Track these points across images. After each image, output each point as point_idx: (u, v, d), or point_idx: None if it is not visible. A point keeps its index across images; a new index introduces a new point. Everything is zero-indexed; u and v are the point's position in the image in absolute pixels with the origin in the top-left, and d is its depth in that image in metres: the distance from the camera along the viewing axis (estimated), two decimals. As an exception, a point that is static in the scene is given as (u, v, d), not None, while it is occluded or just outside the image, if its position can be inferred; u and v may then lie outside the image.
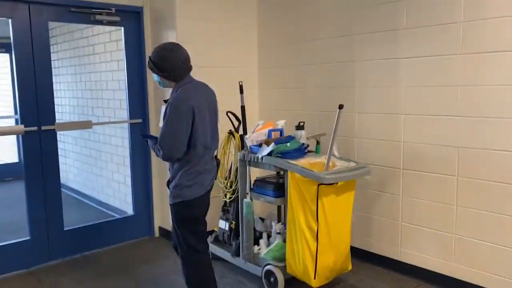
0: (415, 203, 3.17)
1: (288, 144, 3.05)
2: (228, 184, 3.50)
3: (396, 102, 3.20)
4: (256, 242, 3.33)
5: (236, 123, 3.56)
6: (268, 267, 3.08)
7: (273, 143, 3.04)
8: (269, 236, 3.37)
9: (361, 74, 3.39)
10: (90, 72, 5.05)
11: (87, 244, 3.82)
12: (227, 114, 3.53)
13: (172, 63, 2.47)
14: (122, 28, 3.89)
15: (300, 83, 3.86)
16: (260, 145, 3.15)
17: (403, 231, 3.26)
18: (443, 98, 2.95)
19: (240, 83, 3.34)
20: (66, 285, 3.24)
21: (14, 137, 6.49)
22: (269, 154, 3.04)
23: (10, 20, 3.32)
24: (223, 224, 3.57)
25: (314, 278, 2.85)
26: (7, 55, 6.76)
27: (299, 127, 3.24)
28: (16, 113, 6.74)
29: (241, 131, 3.49)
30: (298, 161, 2.94)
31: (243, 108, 3.36)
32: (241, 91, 3.33)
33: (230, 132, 3.53)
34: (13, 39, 3.35)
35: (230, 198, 3.50)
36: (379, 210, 3.39)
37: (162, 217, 4.18)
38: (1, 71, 6.91)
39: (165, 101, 2.54)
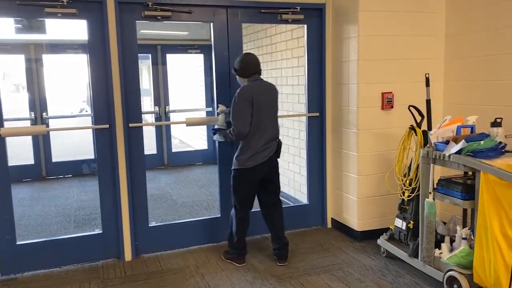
0: None
1: (481, 142, 2.78)
2: (407, 181, 3.37)
3: None
4: (437, 245, 3.14)
5: (418, 117, 3.39)
6: (451, 273, 2.87)
7: (463, 141, 2.81)
8: (452, 241, 3.14)
9: None
10: (272, 69, 5.41)
11: (264, 227, 4.09)
12: (409, 108, 3.39)
13: (243, 65, 3.37)
14: (305, 25, 4.06)
15: (495, 75, 3.45)
16: (447, 142, 2.94)
17: None
18: None
19: (427, 75, 3.17)
20: (250, 261, 3.58)
21: (204, 127, 7.45)
22: (458, 152, 2.82)
23: (211, 24, 3.79)
24: (400, 223, 3.45)
25: (509, 293, 2.55)
26: (201, 55, 7.76)
27: (495, 123, 2.91)
28: (207, 106, 7.69)
29: (424, 127, 3.31)
30: (494, 161, 2.65)
31: (428, 102, 3.18)
32: (427, 84, 3.16)
33: (412, 127, 3.38)
34: (213, 41, 3.81)
35: (408, 196, 3.37)
36: None
37: (335, 208, 4.26)
38: (197, 69, 7.96)
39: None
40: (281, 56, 5.13)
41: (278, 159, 3.53)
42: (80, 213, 5.08)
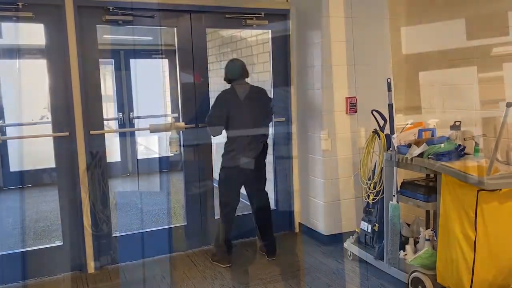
0: None
1: (442, 145, 2.85)
2: (372, 185, 3.41)
3: None
4: (401, 247, 3.19)
5: (381, 122, 3.45)
6: (415, 274, 2.92)
7: (424, 144, 2.88)
8: (416, 242, 3.20)
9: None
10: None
11: (234, 234, 4.05)
12: (372, 112, 3.45)
13: (225, 72, 3.56)
14: (270, 31, 4.07)
15: (453, 79, 3.56)
16: (409, 146, 3.01)
17: None
18: None
19: (388, 80, 3.23)
20: (217, 269, 3.53)
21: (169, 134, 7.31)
22: (420, 155, 2.88)
23: (175, 29, 3.74)
24: (365, 226, 3.49)
25: (470, 291, 2.62)
26: (166, 60, 7.65)
27: (455, 127, 3.00)
28: (173, 112, 7.57)
29: (387, 130, 3.37)
30: (454, 163, 2.73)
31: (391, 106, 3.24)
32: (389, 89, 3.22)
33: (375, 131, 3.43)
34: (177, 46, 3.76)
35: (373, 199, 3.41)
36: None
37: (302, 213, 4.26)
38: (162, 74, 7.84)
39: None
40: (246, 61, 5.11)
41: (265, 160, 3.67)
42: (40, 225, 4.87)
